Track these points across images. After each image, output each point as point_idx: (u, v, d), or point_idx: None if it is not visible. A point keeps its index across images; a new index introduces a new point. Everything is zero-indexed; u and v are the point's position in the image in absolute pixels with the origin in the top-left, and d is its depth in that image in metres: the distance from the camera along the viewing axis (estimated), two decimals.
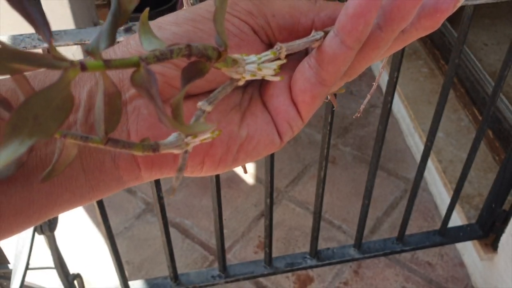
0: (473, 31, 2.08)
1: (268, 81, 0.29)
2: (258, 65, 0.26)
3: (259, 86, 0.30)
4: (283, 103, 0.28)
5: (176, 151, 0.25)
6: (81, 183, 0.27)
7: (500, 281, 1.42)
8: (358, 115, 0.56)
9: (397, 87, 1.19)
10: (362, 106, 0.56)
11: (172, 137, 0.25)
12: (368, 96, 0.55)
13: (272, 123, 0.29)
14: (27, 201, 0.26)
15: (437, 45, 2.09)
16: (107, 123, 0.23)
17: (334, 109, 0.92)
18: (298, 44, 0.27)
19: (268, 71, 0.26)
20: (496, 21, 2.16)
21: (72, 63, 0.20)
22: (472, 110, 1.86)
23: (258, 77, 0.26)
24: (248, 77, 0.26)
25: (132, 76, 0.22)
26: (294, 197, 1.79)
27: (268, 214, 1.18)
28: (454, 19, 1.85)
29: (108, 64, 0.21)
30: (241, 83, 0.26)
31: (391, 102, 1.06)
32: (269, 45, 0.29)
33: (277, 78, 0.26)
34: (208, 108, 0.25)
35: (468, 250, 1.56)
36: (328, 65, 0.26)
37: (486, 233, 1.42)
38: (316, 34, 0.27)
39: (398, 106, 2.05)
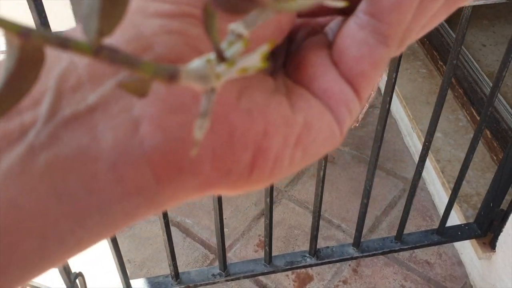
0: (471, 32, 2.08)
1: (300, 61, 0.22)
2: None
3: (287, 73, 0.23)
4: (335, 82, 0.21)
5: (200, 85, 0.17)
6: (56, 219, 0.17)
7: (498, 280, 1.43)
8: (356, 124, 0.56)
9: (396, 87, 1.19)
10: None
11: (198, 62, 0.16)
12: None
13: (326, 109, 0.22)
14: None
15: (435, 46, 2.10)
16: (104, 18, 0.15)
17: None
18: None
19: None
20: (494, 22, 2.16)
21: None
22: (470, 110, 1.86)
23: None
24: None
25: None
26: (294, 197, 1.80)
27: (268, 213, 1.19)
28: (452, 20, 1.85)
29: None
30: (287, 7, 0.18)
31: (389, 103, 1.06)
32: None
33: (341, 3, 0.20)
34: (244, 32, 0.18)
35: (466, 249, 1.57)
36: (390, 14, 0.21)
37: (484, 232, 1.43)
38: None
39: (397, 107, 2.05)
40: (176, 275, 1.25)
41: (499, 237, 1.42)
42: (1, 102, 0.15)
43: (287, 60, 0.23)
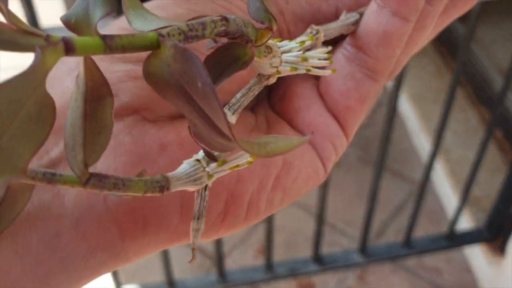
0: (481, 28, 2.06)
1: (285, 92, 0.22)
2: (302, 52, 0.19)
3: (271, 103, 0.23)
4: (319, 116, 0.21)
5: (192, 187, 0.17)
6: (18, 279, 0.16)
7: (508, 285, 1.41)
8: None
9: (403, 85, 1.20)
10: None
11: (187, 165, 0.17)
12: None
13: (309, 146, 0.21)
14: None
15: (443, 43, 2.10)
16: (89, 148, 0.14)
17: None
18: (334, 28, 0.20)
19: (316, 61, 0.19)
20: (504, 17, 2.15)
21: (49, 39, 0.12)
22: (480, 110, 1.85)
23: (300, 71, 0.19)
24: (286, 72, 0.19)
25: (147, 64, 0.14)
26: (296, 200, 1.77)
27: (269, 217, 1.16)
28: (461, 16, 1.85)
29: (111, 44, 0.14)
30: (272, 81, 0.19)
31: (396, 101, 1.07)
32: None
33: (328, 72, 0.19)
34: (232, 119, 0.18)
35: (476, 254, 1.55)
36: (378, 49, 0.20)
37: (494, 236, 1.42)
38: (351, 17, 0.21)
39: (404, 105, 2.04)
40: (171, 282, 1.24)
41: (509, 241, 1.40)
42: None
43: (273, 89, 0.22)
